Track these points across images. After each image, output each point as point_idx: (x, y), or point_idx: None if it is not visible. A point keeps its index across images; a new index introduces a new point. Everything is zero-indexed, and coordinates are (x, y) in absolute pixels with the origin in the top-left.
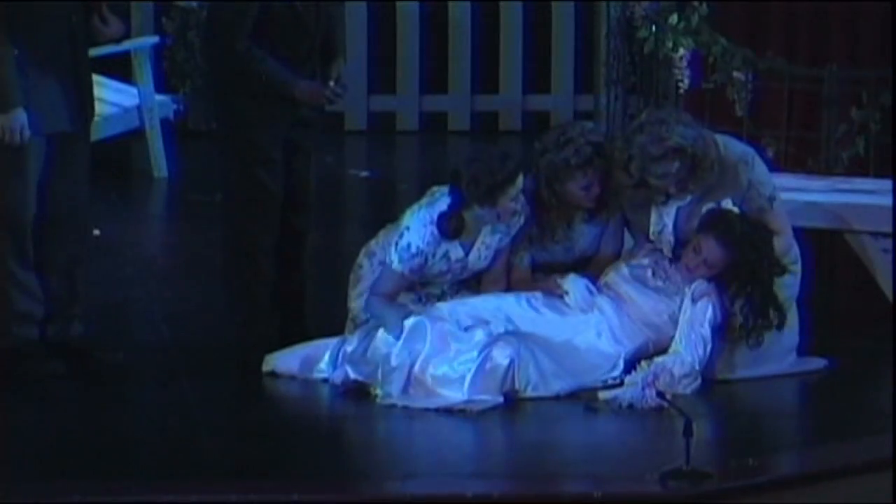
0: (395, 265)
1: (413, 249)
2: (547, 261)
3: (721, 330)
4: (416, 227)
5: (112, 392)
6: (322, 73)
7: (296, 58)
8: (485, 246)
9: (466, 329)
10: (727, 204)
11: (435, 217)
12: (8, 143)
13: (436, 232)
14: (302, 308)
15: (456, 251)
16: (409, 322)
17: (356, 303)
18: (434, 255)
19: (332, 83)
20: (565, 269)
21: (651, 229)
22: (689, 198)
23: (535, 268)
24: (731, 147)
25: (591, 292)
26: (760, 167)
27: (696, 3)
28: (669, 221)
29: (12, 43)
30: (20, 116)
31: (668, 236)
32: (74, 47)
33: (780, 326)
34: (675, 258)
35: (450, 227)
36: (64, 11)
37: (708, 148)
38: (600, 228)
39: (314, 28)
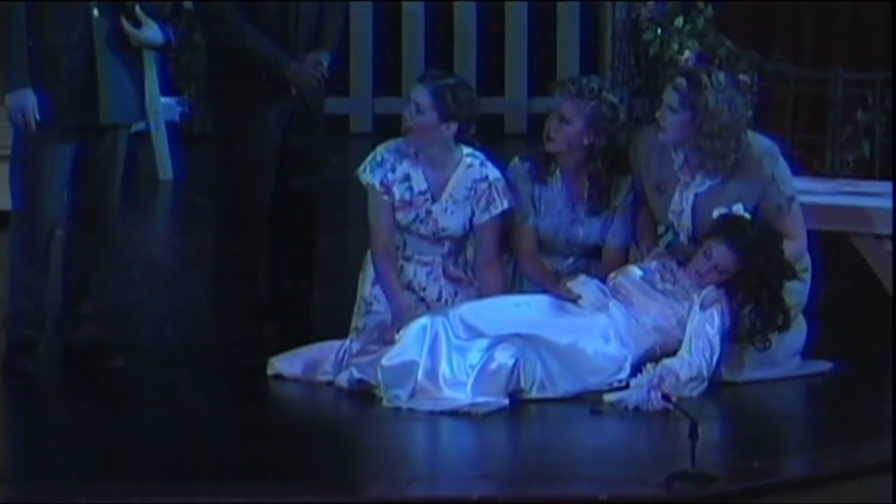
0: (366, 177)
1: (378, 158)
2: (550, 230)
3: (729, 335)
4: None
5: (117, 394)
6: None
7: (281, 41)
8: (452, 199)
9: (471, 335)
10: (739, 209)
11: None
12: (17, 125)
13: (401, 146)
14: (308, 311)
15: (418, 179)
16: (414, 325)
17: (365, 287)
18: (394, 171)
19: (311, 55)
20: (568, 254)
21: (671, 207)
22: (707, 183)
23: (539, 245)
24: (758, 140)
25: (603, 292)
26: (784, 164)
27: (701, 6)
28: (688, 207)
29: (28, 31)
30: (28, 96)
31: (687, 221)
32: (92, 44)
33: (784, 329)
34: (686, 258)
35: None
36: (84, 7)
37: (723, 114)
38: (604, 220)
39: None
